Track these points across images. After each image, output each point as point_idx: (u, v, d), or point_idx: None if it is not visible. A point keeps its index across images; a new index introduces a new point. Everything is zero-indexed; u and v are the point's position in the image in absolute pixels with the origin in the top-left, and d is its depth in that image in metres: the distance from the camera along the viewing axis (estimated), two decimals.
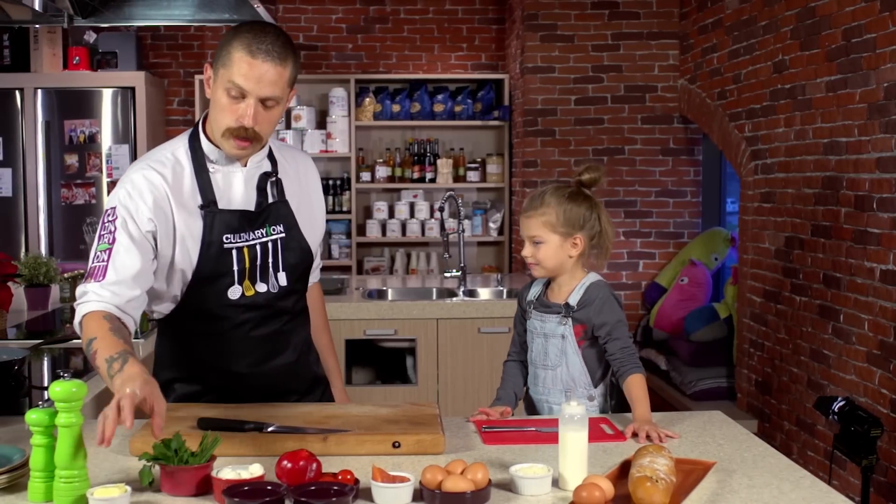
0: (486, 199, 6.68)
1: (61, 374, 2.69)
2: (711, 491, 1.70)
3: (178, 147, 2.16)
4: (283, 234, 2.20)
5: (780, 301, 4.43)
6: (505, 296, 4.72)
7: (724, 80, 5.09)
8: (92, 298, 1.99)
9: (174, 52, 6.64)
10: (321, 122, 6.52)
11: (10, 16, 4.13)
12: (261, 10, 3.73)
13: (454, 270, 4.65)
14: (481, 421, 2.15)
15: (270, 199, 2.20)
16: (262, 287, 2.17)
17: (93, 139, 6.14)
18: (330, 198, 6.46)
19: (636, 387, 2.17)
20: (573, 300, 2.28)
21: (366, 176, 6.51)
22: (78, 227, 6.12)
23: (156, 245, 2.08)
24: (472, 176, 6.52)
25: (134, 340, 3.18)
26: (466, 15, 6.74)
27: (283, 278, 2.20)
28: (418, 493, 1.64)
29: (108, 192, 6.17)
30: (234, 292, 2.14)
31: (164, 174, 2.10)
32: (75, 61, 6.12)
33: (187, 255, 2.11)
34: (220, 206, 2.13)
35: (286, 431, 1.93)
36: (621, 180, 5.92)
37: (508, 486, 1.71)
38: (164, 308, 2.18)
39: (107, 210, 2.09)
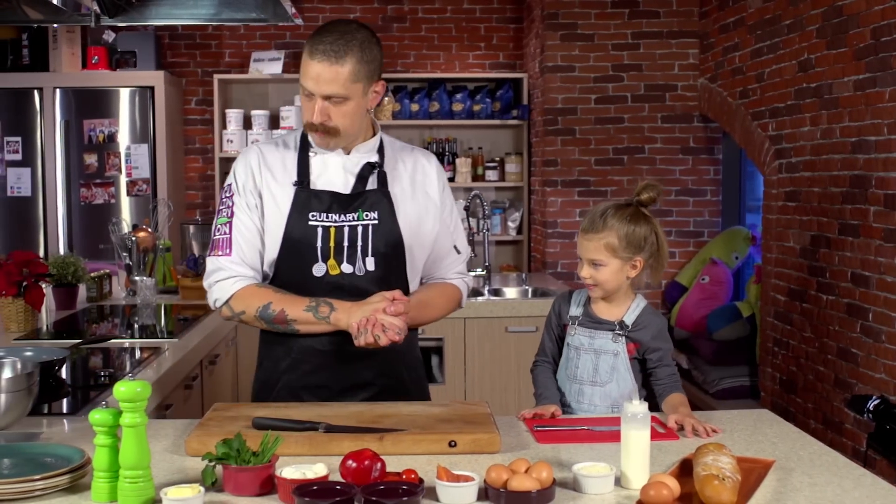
0: (505, 199, 6.68)
1: (101, 375, 2.69)
2: (773, 489, 1.70)
3: (293, 135, 2.34)
4: (376, 221, 2.25)
5: (805, 300, 4.42)
6: (530, 295, 4.72)
7: (747, 79, 5.08)
8: (230, 274, 2.23)
9: (192, 52, 6.64)
10: None
11: (36, 15, 4.14)
12: (289, 6, 3.72)
13: (478, 269, 4.65)
14: (533, 420, 2.15)
15: (370, 187, 2.26)
16: (347, 268, 2.24)
17: (112, 139, 6.15)
18: None
19: (678, 397, 2.23)
20: (628, 320, 2.29)
21: None
22: (97, 226, 6.13)
23: (261, 216, 2.25)
24: (491, 175, 6.52)
25: (165, 340, 3.19)
26: (484, 14, 6.73)
27: (370, 263, 2.24)
28: (483, 493, 1.64)
29: (128, 192, 6.18)
30: (319, 269, 2.23)
31: (266, 152, 2.29)
32: (94, 61, 6.13)
33: (277, 229, 2.23)
34: (314, 186, 2.25)
35: (343, 431, 1.92)
36: (641, 179, 5.89)
37: (569, 485, 1.71)
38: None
39: (224, 188, 2.32)
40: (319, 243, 2.21)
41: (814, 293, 4.34)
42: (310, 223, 2.22)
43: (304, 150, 2.28)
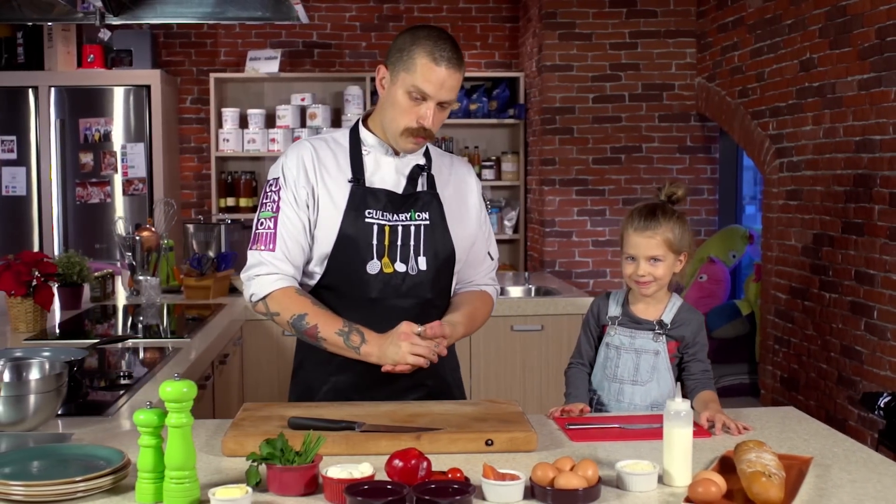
0: (501, 198, 6.69)
1: (121, 376, 2.68)
2: (814, 486, 1.71)
3: (340, 133, 2.35)
4: (428, 222, 2.27)
5: (807, 298, 4.45)
6: (533, 293, 4.73)
7: (747, 78, 5.11)
8: (271, 271, 2.22)
9: (187, 51, 6.61)
10: (336, 120, 6.50)
11: (38, 13, 4.10)
12: (297, 6, 3.72)
13: None
14: (564, 419, 2.15)
15: (419, 189, 2.28)
16: (401, 267, 2.24)
17: (107, 138, 6.11)
18: None
19: (709, 395, 2.26)
20: (667, 318, 2.31)
21: None
22: (92, 226, 6.10)
23: (310, 212, 2.24)
24: (487, 174, 6.52)
25: (179, 340, 3.17)
26: (480, 13, 6.74)
27: (422, 262, 2.25)
28: (529, 491, 1.64)
29: (124, 192, 6.14)
30: (373, 267, 2.23)
31: (318, 148, 2.28)
32: (90, 59, 6.09)
33: (332, 225, 2.22)
34: (369, 184, 2.25)
35: (380, 430, 1.92)
36: (639, 178, 5.94)
37: (612, 483, 1.71)
38: (308, 281, 2.31)
39: (269, 181, 2.29)
40: (375, 241, 2.22)
41: (816, 291, 4.37)
42: (366, 220, 2.22)
43: (355, 148, 2.29)
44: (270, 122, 6.47)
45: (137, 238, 4.24)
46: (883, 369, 3.80)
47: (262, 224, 2.25)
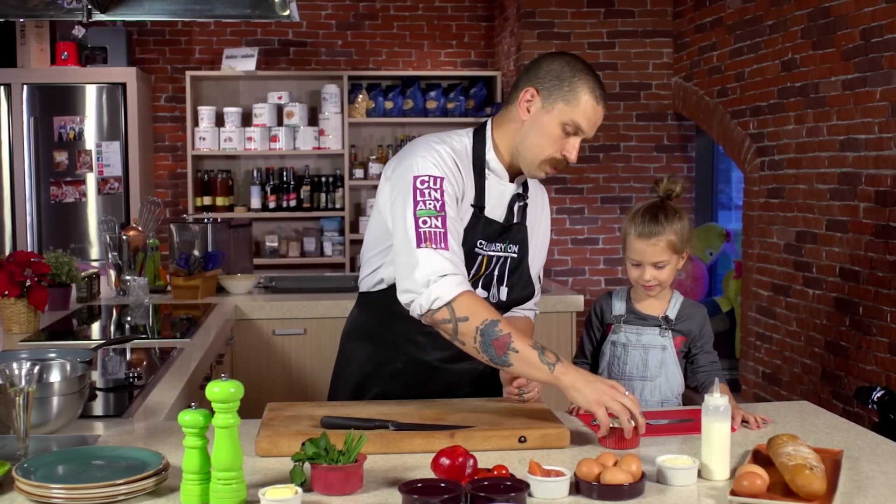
0: None
1: (129, 376, 2.65)
2: (849, 478, 1.75)
3: (466, 141, 2.21)
4: (515, 255, 2.23)
5: (790, 294, 4.52)
6: None
7: (725, 78, 5.18)
8: (455, 272, 1.99)
9: (161, 48, 6.54)
10: (313, 118, 6.48)
11: (22, 9, 4.04)
12: (293, 6, 3.70)
13: None
14: (588, 415, 2.17)
15: (515, 220, 2.24)
16: (482, 293, 2.19)
17: (81, 136, 6.02)
18: (322, 195, 6.44)
19: (723, 388, 2.26)
20: (671, 313, 2.35)
21: (359, 173, 6.49)
22: (66, 225, 6.01)
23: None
24: None
25: (181, 340, 3.15)
26: (455, 12, 6.76)
27: (503, 293, 2.23)
28: (573, 486, 1.66)
29: (99, 191, 6.06)
30: None
31: (460, 158, 2.16)
32: (63, 57, 6.00)
33: None
34: (486, 212, 2.19)
35: (413, 429, 1.92)
36: (617, 177, 6.00)
37: (652, 477, 1.73)
38: (390, 274, 2.17)
39: (421, 177, 2.08)
40: (474, 270, 2.17)
41: (799, 288, 4.44)
42: (475, 250, 2.17)
43: (479, 170, 2.19)
44: (247, 120, 6.43)
45: (125, 237, 4.19)
46: (869, 364, 3.88)
47: (424, 223, 2.02)
